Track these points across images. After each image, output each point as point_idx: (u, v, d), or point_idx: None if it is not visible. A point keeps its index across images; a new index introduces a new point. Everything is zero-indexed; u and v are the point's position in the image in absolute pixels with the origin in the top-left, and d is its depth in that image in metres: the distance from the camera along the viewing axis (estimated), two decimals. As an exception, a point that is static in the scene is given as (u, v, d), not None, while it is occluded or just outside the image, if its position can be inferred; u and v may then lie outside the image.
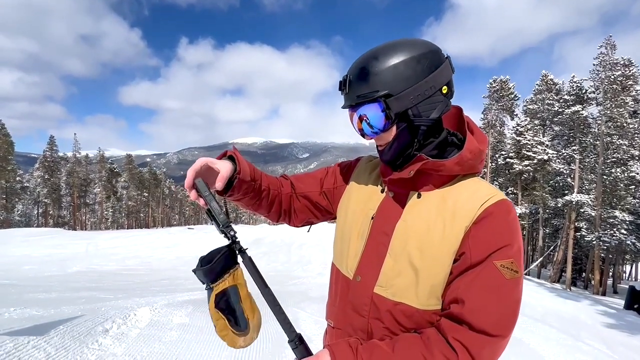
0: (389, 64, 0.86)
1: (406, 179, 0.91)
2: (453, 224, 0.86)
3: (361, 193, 1.07)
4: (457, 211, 0.87)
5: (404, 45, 0.88)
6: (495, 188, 0.92)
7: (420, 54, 0.86)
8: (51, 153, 50.53)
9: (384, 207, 0.98)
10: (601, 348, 7.47)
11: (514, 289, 0.81)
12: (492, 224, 0.84)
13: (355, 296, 0.97)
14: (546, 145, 25.63)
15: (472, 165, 0.92)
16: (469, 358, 0.77)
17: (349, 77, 0.90)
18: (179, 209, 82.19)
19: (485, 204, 0.85)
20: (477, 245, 0.83)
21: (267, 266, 15.51)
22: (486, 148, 0.95)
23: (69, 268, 12.50)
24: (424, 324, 0.88)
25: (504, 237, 0.83)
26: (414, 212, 0.92)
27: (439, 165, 0.89)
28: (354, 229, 1.02)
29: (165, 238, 25.17)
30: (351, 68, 0.91)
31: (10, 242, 20.04)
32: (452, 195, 0.90)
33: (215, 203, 0.93)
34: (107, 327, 4.20)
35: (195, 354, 3.96)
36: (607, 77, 22.59)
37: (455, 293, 0.83)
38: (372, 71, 0.87)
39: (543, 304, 12.67)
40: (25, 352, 3.21)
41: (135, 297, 6.43)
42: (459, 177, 0.92)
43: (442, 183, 0.92)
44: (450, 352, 0.78)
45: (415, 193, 0.93)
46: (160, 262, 15.55)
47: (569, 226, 24.54)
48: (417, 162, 0.89)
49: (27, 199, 49.35)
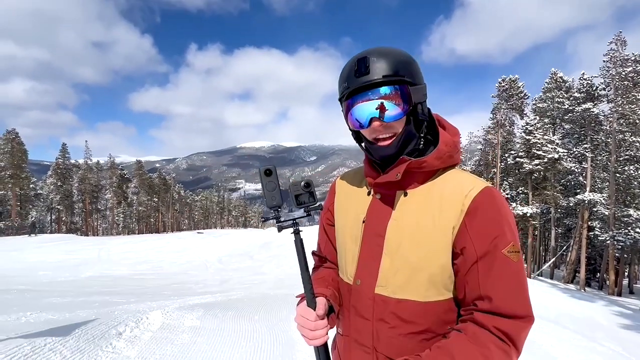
0: (407, 57, 0.92)
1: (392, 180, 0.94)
2: (441, 215, 0.90)
3: (349, 202, 1.09)
4: (444, 203, 0.91)
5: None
6: (475, 177, 0.96)
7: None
8: (63, 160, 51.41)
9: (373, 209, 1.00)
10: (617, 349, 7.32)
11: (522, 268, 0.88)
12: (485, 214, 0.88)
13: (357, 300, 0.99)
14: (556, 143, 25.25)
15: (450, 157, 0.96)
16: (514, 343, 0.82)
17: (370, 57, 0.89)
18: (189, 214, 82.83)
19: (471, 194, 0.89)
20: (478, 238, 0.87)
21: (277, 269, 15.54)
22: (459, 139, 1.00)
23: (82, 273, 12.70)
24: (427, 317, 0.91)
25: (499, 224, 0.87)
26: (403, 210, 0.95)
27: (421, 163, 0.92)
28: (347, 235, 1.05)
29: (175, 243, 25.40)
30: (368, 52, 0.91)
31: (25, 248, 20.45)
32: (436, 188, 0.94)
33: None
34: (120, 330, 4.27)
35: (206, 356, 4.00)
36: (618, 73, 22.19)
37: (477, 290, 0.86)
38: (396, 58, 0.90)
39: (557, 305, 12.47)
40: (42, 354, 3.29)
41: (147, 301, 6.51)
42: (440, 170, 0.97)
43: (425, 179, 0.96)
44: (500, 342, 0.81)
45: (402, 192, 0.96)
46: (170, 267, 15.70)
47: (582, 226, 24.09)
48: (402, 163, 0.92)
49: (41, 206, 50.24)
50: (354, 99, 0.92)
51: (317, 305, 0.94)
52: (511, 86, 29.55)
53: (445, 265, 0.90)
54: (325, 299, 0.98)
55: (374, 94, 0.89)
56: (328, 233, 1.18)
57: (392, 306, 0.92)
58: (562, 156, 24.83)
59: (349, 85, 0.92)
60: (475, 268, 0.86)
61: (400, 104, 0.89)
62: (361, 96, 0.90)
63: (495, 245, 0.85)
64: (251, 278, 12.94)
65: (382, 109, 0.88)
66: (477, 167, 35.50)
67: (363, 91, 0.90)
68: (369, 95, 0.89)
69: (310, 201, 0.94)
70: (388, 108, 0.88)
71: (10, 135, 43.49)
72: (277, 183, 0.93)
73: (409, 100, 0.90)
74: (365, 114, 0.90)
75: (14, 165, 42.69)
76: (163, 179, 67.91)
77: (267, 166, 0.94)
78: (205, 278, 12.72)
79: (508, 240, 0.86)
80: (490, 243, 0.86)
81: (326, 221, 1.18)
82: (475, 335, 0.83)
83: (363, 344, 0.97)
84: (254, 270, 15.41)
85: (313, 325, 0.90)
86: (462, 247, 0.88)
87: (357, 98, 0.91)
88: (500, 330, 0.82)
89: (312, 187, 0.95)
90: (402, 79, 0.89)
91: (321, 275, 1.12)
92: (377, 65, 0.88)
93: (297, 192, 0.94)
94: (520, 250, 0.88)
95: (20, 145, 44.06)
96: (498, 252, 0.85)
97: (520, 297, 0.85)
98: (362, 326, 0.97)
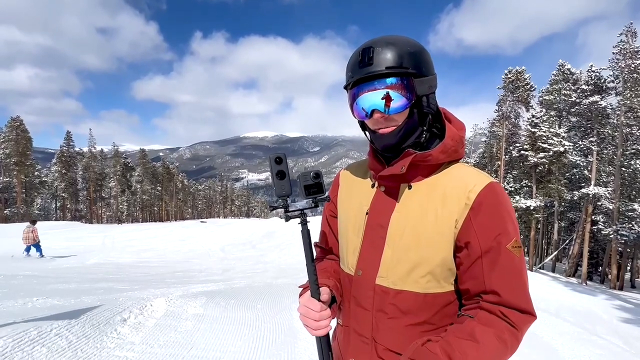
0: (415, 48, 0.90)
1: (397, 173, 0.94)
2: (444, 209, 0.90)
3: (352, 194, 1.09)
4: (448, 197, 0.91)
5: (417, 42, 0.93)
6: (479, 171, 0.95)
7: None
8: (68, 148, 51.68)
9: (377, 201, 1.00)
10: (617, 343, 7.35)
11: (524, 263, 0.90)
12: (489, 209, 0.88)
13: (357, 290, 0.99)
14: (562, 136, 25.00)
15: (455, 151, 0.96)
16: (519, 331, 0.86)
17: (374, 48, 0.88)
18: (192, 203, 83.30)
19: (475, 189, 0.89)
20: (483, 233, 0.87)
21: (279, 259, 15.65)
22: (465, 134, 0.99)
23: (87, 260, 12.84)
24: (427, 309, 0.92)
25: (503, 219, 0.88)
26: (407, 203, 0.95)
27: (426, 156, 0.92)
28: (349, 226, 1.05)
29: (179, 231, 25.60)
30: (373, 41, 0.90)
31: (31, 235, 20.63)
32: (440, 182, 0.94)
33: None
34: (125, 316, 4.33)
35: (209, 343, 4.06)
36: (627, 65, 21.81)
37: (482, 284, 0.87)
38: (402, 49, 0.88)
39: (558, 298, 12.51)
40: (49, 339, 3.34)
41: (151, 289, 6.58)
42: (444, 164, 0.96)
43: (430, 172, 0.96)
44: (510, 327, 0.85)
45: (406, 185, 0.96)
46: (174, 255, 15.84)
47: (586, 219, 23.99)
48: (407, 156, 0.92)
49: (46, 193, 50.67)
50: (359, 88, 0.91)
51: (320, 295, 0.94)
52: (517, 78, 29.17)
53: (446, 258, 0.90)
54: (328, 289, 0.99)
55: (380, 84, 0.87)
56: (331, 224, 1.18)
57: (392, 297, 0.93)
58: (567, 149, 24.61)
59: (353, 75, 0.91)
60: (479, 262, 0.87)
61: (403, 97, 0.87)
62: (367, 85, 0.89)
63: (500, 241, 0.87)
64: (254, 267, 13.04)
65: (388, 100, 0.87)
66: (482, 160, 35.31)
67: (368, 80, 0.89)
68: (374, 84, 0.88)
69: (319, 192, 0.93)
70: (394, 98, 0.87)
71: (14, 123, 43.68)
72: (287, 172, 0.91)
73: (413, 92, 0.88)
74: (368, 105, 0.89)
75: (19, 152, 42.96)
76: (166, 168, 68.17)
77: (277, 154, 0.91)
78: (208, 266, 12.83)
79: (511, 236, 0.88)
80: (494, 238, 0.87)
81: (329, 212, 1.18)
82: (488, 319, 0.86)
83: (362, 334, 0.98)
84: (256, 259, 15.52)
85: (318, 316, 0.91)
86: (467, 241, 0.88)
87: (363, 87, 0.90)
88: (508, 317, 0.85)
89: (321, 177, 0.93)
90: (406, 71, 0.87)
91: (323, 266, 1.13)
92: (381, 57, 0.87)
93: (306, 182, 0.93)
94: (521, 245, 0.90)
95: (25, 132, 44.27)
96: (502, 247, 0.86)
97: (523, 293, 0.87)
98: (362, 316, 0.98)
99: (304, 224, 0.92)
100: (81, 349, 3.40)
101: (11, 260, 11.95)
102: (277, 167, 0.90)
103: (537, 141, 24.86)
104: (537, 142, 24.85)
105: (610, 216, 22.71)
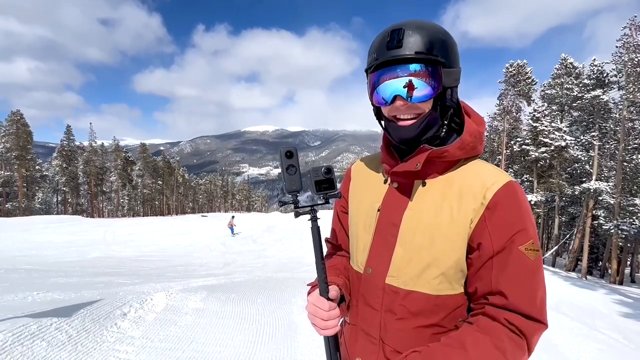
0: (446, 37, 0.86)
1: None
2: (460, 208, 0.86)
3: (364, 190, 1.05)
4: (464, 195, 0.87)
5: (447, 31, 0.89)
6: (499, 170, 0.91)
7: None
8: (68, 142, 51.62)
9: (390, 198, 0.97)
10: (617, 337, 7.37)
11: (540, 268, 0.84)
12: (506, 209, 0.83)
13: (367, 289, 0.96)
14: (564, 131, 24.89)
15: (473, 148, 0.91)
16: (527, 339, 0.80)
17: (405, 30, 0.83)
18: (193, 197, 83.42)
19: (493, 188, 0.85)
20: (497, 233, 0.83)
21: (279, 253, 15.68)
22: (484, 129, 0.94)
23: (88, 254, 12.89)
24: (437, 311, 0.88)
25: (520, 220, 0.83)
26: (420, 200, 0.91)
27: (442, 152, 0.88)
28: (360, 223, 1.01)
29: (179, 225, 25.66)
30: (404, 23, 0.85)
31: (32, 229, 20.75)
32: (456, 180, 0.89)
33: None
34: (125, 311, 4.34)
35: (209, 337, 4.06)
36: (631, 59, 21.61)
37: (489, 286, 0.83)
38: (433, 35, 0.84)
39: (557, 292, 12.53)
40: (49, 333, 3.34)
41: (152, 283, 6.60)
42: (461, 161, 0.92)
43: (446, 169, 0.91)
44: (512, 334, 0.79)
45: (421, 182, 0.92)
46: (174, 249, 15.89)
47: (586, 214, 23.97)
48: (422, 152, 0.88)
49: (47, 188, 50.75)
50: (382, 73, 0.85)
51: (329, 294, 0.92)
52: (519, 72, 28.96)
53: (460, 260, 0.86)
54: (337, 288, 0.96)
55: (403, 71, 0.82)
56: (342, 220, 1.15)
57: (402, 297, 0.90)
58: (569, 144, 24.51)
59: (377, 57, 0.85)
60: (490, 263, 0.83)
61: (429, 85, 0.83)
62: (389, 71, 0.84)
63: (513, 241, 0.82)
64: (254, 261, 13.07)
65: (411, 87, 0.82)
66: (482, 154, 35.18)
67: (392, 65, 0.84)
68: (397, 72, 0.83)
69: (331, 188, 0.90)
70: (417, 86, 0.82)
71: (15, 117, 43.59)
72: (298, 166, 0.87)
73: (439, 82, 0.84)
74: (390, 90, 0.85)
75: (20, 146, 42.94)
76: (167, 162, 68.18)
77: (288, 147, 0.87)
78: (208, 260, 12.87)
79: (529, 236, 0.82)
80: (508, 239, 0.82)
81: (340, 208, 1.15)
82: (487, 326, 0.81)
83: (370, 334, 0.95)
84: (257, 253, 15.56)
85: (326, 315, 0.88)
86: (479, 242, 0.84)
87: (385, 73, 0.85)
88: (512, 323, 0.79)
89: (332, 173, 0.89)
90: (436, 59, 0.82)
91: (333, 263, 1.10)
92: (412, 40, 0.82)
93: (317, 177, 0.89)
94: (539, 249, 0.84)
95: (25, 126, 44.20)
96: (515, 247, 0.82)
97: (533, 298, 0.81)
98: (370, 316, 0.95)
99: (314, 220, 0.89)
100: (81, 343, 3.40)
101: (12, 254, 12.00)
102: (287, 161, 0.87)
103: (539, 136, 24.75)
104: (539, 137, 24.75)
105: (612, 211, 22.68)
